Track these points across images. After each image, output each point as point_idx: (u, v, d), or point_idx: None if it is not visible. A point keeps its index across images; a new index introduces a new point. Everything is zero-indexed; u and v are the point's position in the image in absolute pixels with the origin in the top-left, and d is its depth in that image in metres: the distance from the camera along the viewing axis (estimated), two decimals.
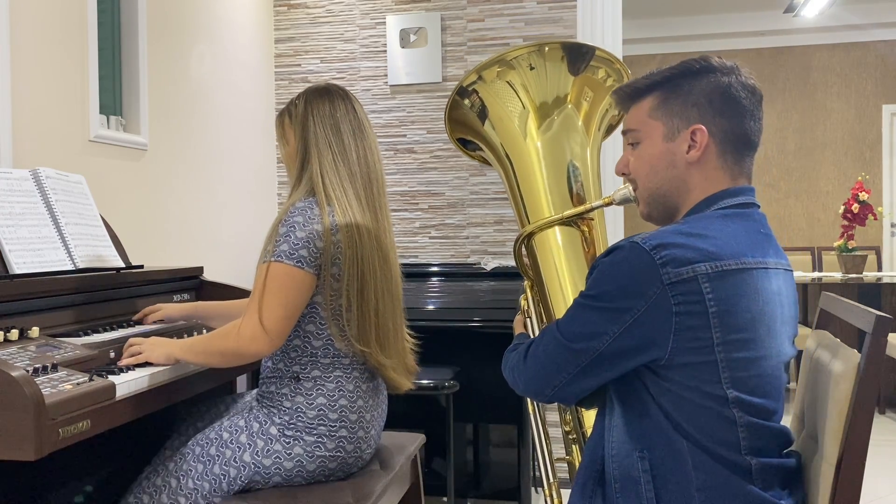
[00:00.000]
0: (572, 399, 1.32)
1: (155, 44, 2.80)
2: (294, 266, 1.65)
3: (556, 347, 1.28)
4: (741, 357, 1.20)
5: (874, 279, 4.94)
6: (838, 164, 7.22)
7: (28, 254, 1.73)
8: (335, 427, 1.69)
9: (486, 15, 3.58)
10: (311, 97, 1.82)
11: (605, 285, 1.23)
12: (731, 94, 1.29)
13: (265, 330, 1.62)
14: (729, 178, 1.31)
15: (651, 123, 1.33)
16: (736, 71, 1.32)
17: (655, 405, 1.23)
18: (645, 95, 1.35)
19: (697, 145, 1.29)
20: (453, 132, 1.85)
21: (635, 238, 1.23)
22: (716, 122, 1.29)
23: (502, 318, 2.99)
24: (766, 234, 1.30)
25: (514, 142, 1.73)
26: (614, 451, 1.28)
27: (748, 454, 1.21)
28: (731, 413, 1.20)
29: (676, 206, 1.33)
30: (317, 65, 3.78)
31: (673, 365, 1.20)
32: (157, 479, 1.70)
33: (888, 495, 3.43)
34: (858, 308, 1.36)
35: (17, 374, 1.24)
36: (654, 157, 1.33)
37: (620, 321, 1.20)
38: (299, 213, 1.69)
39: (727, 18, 7.07)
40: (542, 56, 1.69)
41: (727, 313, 1.19)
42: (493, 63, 1.70)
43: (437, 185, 3.65)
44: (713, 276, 1.18)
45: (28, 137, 2.17)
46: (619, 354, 1.22)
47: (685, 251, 1.19)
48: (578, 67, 1.71)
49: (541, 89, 1.70)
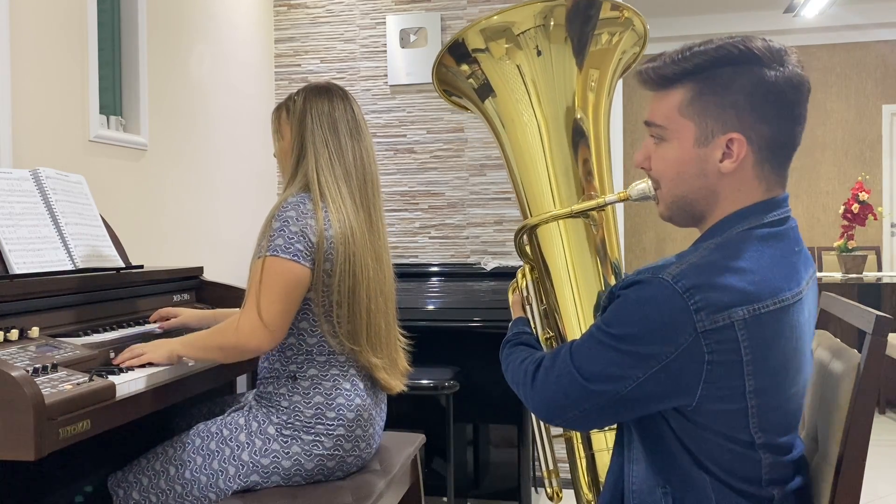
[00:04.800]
0: (584, 430, 1.25)
1: (155, 44, 2.80)
2: (290, 260, 1.65)
3: (571, 383, 1.16)
4: (772, 402, 1.13)
5: (874, 279, 4.94)
6: (838, 164, 7.23)
7: (28, 254, 1.73)
8: (332, 426, 1.69)
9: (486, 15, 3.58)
10: (311, 94, 1.82)
11: (629, 326, 1.11)
12: (776, 94, 1.12)
13: (265, 324, 1.62)
14: (764, 188, 1.17)
15: (680, 122, 1.16)
16: (783, 60, 1.13)
17: (677, 441, 1.15)
18: (675, 85, 1.16)
19: (733, 156, 1.14)
20: (441, 86, 1.72)
21: (664, 273, 1.10)
22: (756, 128, 1.13)
23: (502, 318, 2.99)
24: (798, 250, 1.18)
25: (510, 116, 1.62)
26: (635, 486, 1.21)
27: (769, 486, 1.16)
28: (758, 455, 1.15)
29: (702, 214, 1.20)
30: (317, 65, 3.77)
31: (700, 411, 1.12)
32: (157, 463, 1.71)
33: (888, 495, 3.43)
34: (858, 308, 1.36)
35: (17, 374, 1.24)
36: (683, 162, 1.17)
37: (646, 367, 1.09)
38: (292, 207, 1.69)
39: (727, 18, 7.07)
40: (547, 37, 1.57)
41: (762, 359, 1.10)
42: (500, 33, 1.56)
43: (437, 185, 3.65)
44: (750, 320, 1.08)
45: (28, 137, 2.17)
46: (641, 399, 1.12)
47: (721, 294, 1.07)
48: (584, 46, 1.58)
49: (549, 90, 1.60)
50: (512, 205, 3.55)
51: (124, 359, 1.64)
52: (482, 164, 3.59)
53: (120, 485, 1.72)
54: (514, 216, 3.56)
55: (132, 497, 1.70)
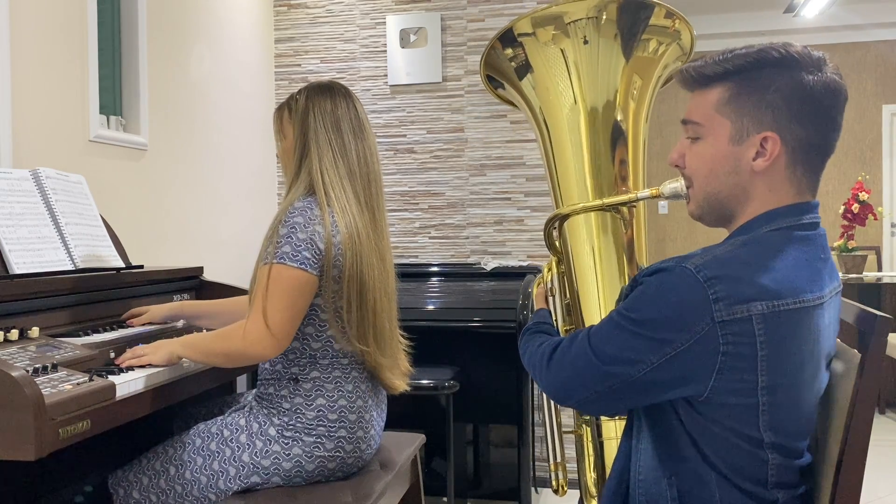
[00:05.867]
0: (595, 413, 1.27)
1: (155, 44, 2.80)
2: (297, 268, 1.64)
3: (587, 364, 1.18)
4: (783, 402, 1.13)
5: (874, 279, 4.94)
6: (838, 164, 7.22)
7: (28, 254, 1.73)
8: (334, 427, 1.69)
9: (486, 15, 3.58)
10: (313, 93, 1.80)
11: (649, 311, 1.13)
12: (813, 97, 1.14)
13: (271, 332, 1.62)
14: (795, 191, 1.18)
15: (717, 120, 1.19)
16: (822, 66, 1.16)
17: (686, 434, 1.16)
18: (714, 84, 1.19)
19: (767, 154, 1.16)
20: (486, 70, 1.72)
21: (687, 263, 1.12)
22: (791, 129, 1.15)
23: (502, 318, 2.99)
24: (824, 258, 1.19)
25: (553, 110, 1.62)
26: (642, 475, 1.22)
27: (774, 488, 1.17)
28: (765, 454, 1.15)
29: (732, 213, 1.22)
30: (317, 65, 3.78)
31: (711, 403, 1.13)
32: (157, 462, 1.71)
33: (888, 495, 3.43)
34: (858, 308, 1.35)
35: (17, 374, 1.24)
36: (717, 159, 1.19)
37: (661, 352, 1.11)
38: (299, 213, 1.68)
39: (727, 18, 7.07)
40: (597, 30, 1.57)
41: (777, 357, 1.10)
42: (550, 20, 1.56)
43: (437, 185, 3.65)
44: (769, 316, 1.09)
45: (28, 137, 2.17)
46: (653, 385, 1.14)
47: (742, 287, 1.09)
48: (631, 47, 1.58)
49: (591, 75, 1.59)
50: (512, 205, 3.56)
51: (125, 359, 1.64)
52: (482, 164, 3.59)
53: (120, 484, 1.72)
54: (514, 216, 3.56)
55: (132, 496, 1.70)
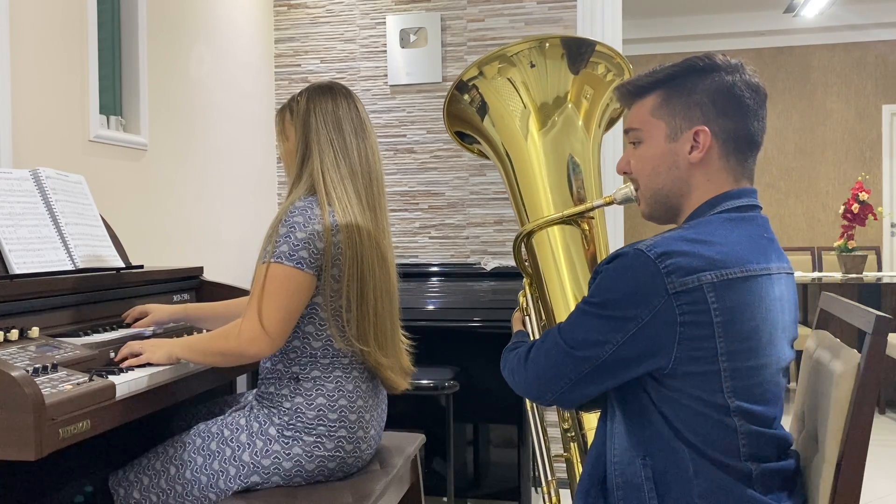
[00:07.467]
0: (573, 404, 1.33)
1: (155, 44, 2.80)
2: (294, 267, 1.64)
3: (558, 353, 1.27)
4: (744, 366, 1.20)
5: (874, 279, 4.94)
6: (838, 164, 7.22)
7: (28, 254, 1.73)
8: (334, 427, 1.69)
9: (486, 15, 3.59)
10: (314, 94, 1.81)
11: (608, 293, 1.22)
12: (735, 93, 1.28)
13: (266, 331, 1.62)
14: (732, 179, 1.30)
15: (653, 123, 1.32)
16: (740, 69, 1.30)
17: (657, 412, 1.22)
18: (647, 93, 1.33)
19: (700, 146, 1.28)
20: (452, 125, 1.84)
21: (639, 245, 1.21)
22: (719, 122, 1.28)
23: (502, 318, 2.99)
24: (769, 238, 1.29)
25: (514, 140, 1.72)
26: (617, 457, 1.27)
27: (748, 460, 1.21)
28: (733, 422, 1.20)
29: (679, 206, 1.33)
30: (317, 65, 3.78)
31: (676, 374, 1.19)
32: (157, 462, 1.71)
33: (888, 495, 3.43)
34: (858, 308, 1.36)
35: (17, 374, 1.24)
36: (657, 157, 1.31)
37: (624, 330, 1.20)
38: (299, 212, 1.68)
39: (727, 18, 7.07)
40: (542, 53, 1.69)
41: (731, 323, 1.18)
42: (494, 58, 1.69)
43: (437, 185, 3.65)
44: (718, 284, 1.17)
45: (28, 137, 2.17)
46: (621, 363, 1.22)
47: (690, 259, 1.18)
48: (579, 65, 1.70)
49: (541, 88, 1.69)
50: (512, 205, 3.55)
51: (123, 355, 1.64)
52: (482, 164, 3.59)
53: (121, 484, 1.72)
54: (513, 216, 3.55)
55: (133, 496, 1.71)
